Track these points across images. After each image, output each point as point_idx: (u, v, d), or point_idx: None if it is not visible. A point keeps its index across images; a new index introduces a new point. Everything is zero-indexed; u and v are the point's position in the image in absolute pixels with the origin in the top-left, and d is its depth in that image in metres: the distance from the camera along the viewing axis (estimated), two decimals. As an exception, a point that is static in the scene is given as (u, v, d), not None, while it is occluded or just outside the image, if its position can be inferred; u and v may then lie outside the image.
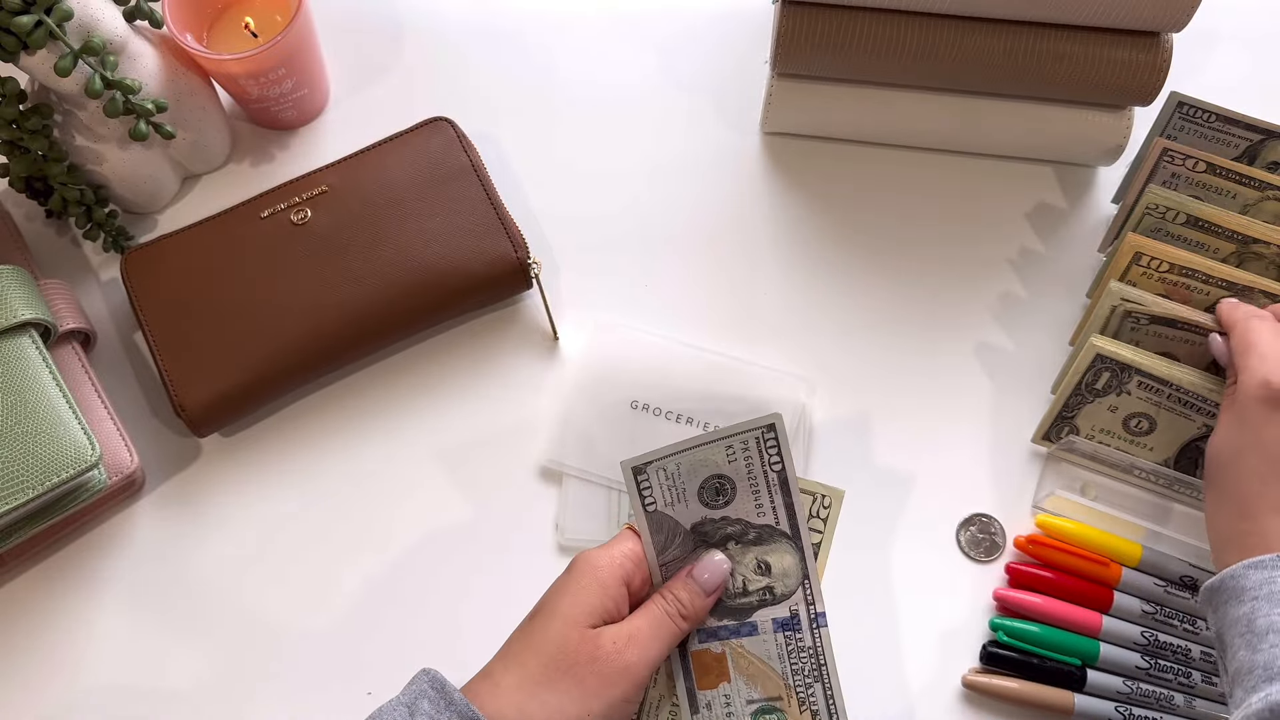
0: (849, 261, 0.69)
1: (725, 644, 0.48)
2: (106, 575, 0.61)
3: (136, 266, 0.64)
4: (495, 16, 0.77)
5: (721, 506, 0.47)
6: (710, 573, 0.47)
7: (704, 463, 0.46)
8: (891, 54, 0.64)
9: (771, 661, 0.47)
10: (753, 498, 0.46)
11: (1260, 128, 0.64)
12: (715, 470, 0.46)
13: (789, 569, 0.47)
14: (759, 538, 0.47)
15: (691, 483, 0.46)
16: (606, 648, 0.44)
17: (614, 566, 0.46)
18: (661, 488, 0.46)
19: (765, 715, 0.47)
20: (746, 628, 0.48)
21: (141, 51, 0.64)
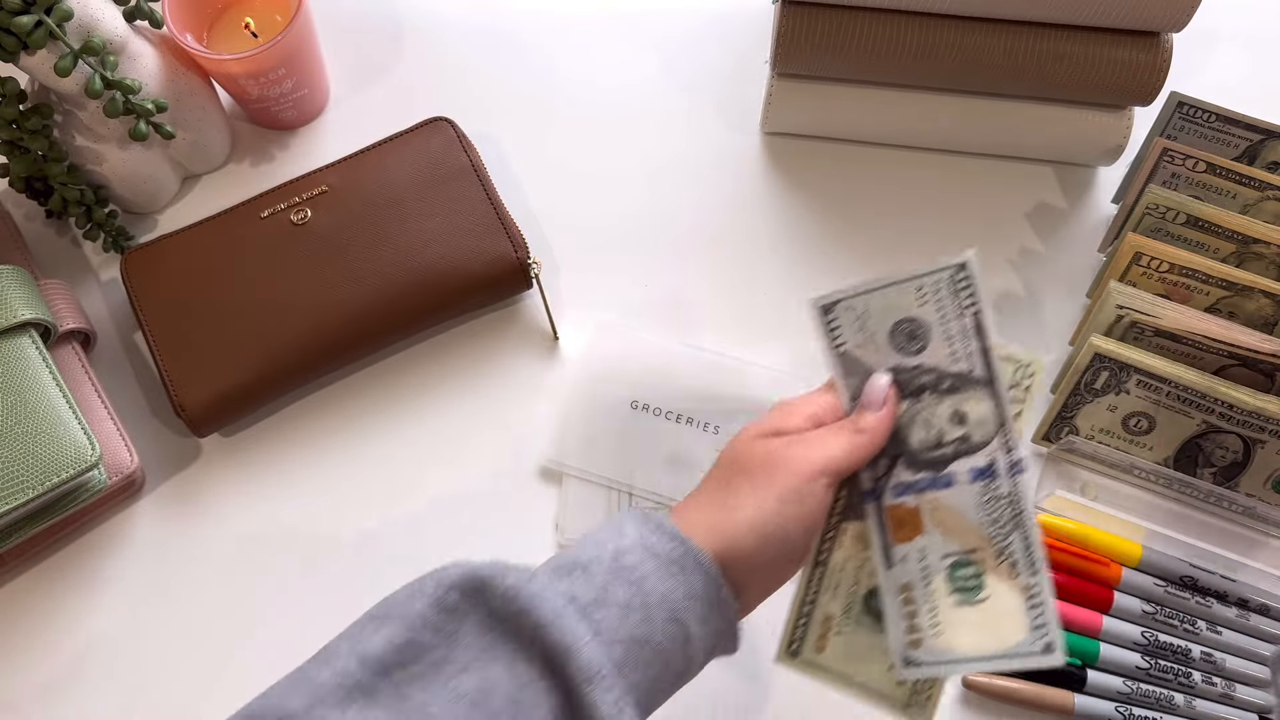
0: (849, 261, 0.69)
1: (920, 497, 0.46)
2: (106, 575, 0.61)
3: (136, 266, 0.64)
4: (495, 16, 0.77)
5: (915, 353, 0.45)
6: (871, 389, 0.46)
7: (894, 305, 0.45)
8: (891, 54, 0.64)
9: (968, 513, 0.46)
10: (946, 344, 0.45)
11: (1260, 128, 0.64)
12: (906, 313, 0.45)
13: (985, 416, 0.45)
14: (954, 386, 0.45)
15: (882, 325, 0.45)
16: (776, 445, 0.45)
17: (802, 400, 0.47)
18: (851, 328, 0.45)
19: (962, 568, 0.46)
20: (942, 480, 0.46)
21: (141, 51, 0.64)
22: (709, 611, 0.42)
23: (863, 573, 0.46)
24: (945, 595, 0.45)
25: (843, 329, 0.45)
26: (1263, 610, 0.59)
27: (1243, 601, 0.59)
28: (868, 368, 0.46)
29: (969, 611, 0.45)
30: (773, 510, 0.44)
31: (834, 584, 0.47)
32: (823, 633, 0.47)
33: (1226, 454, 0.59)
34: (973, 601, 0.45)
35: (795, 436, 0.46)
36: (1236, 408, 0.57)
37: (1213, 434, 0.59)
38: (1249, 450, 0.59)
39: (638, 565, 0.42)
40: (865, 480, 0.47)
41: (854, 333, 0.45)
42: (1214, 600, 0.59)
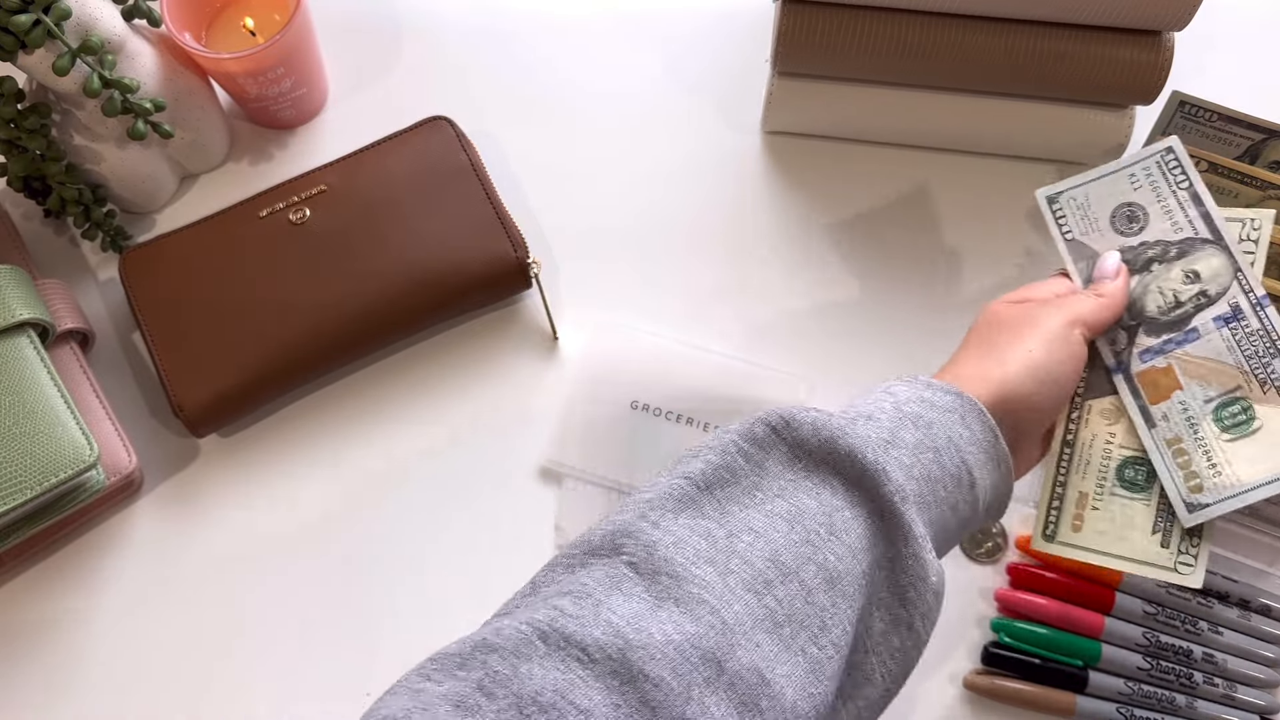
0: (849, 260, 0.69)
1: (1169, 357, 0.49)
2: (105, 575, 0.61)
3: (135, 266, 0.64)
4: (495, 16, 0.77)
5: (1137, 233, 0.49)
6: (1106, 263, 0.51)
7: (1110, 193, 0.50)
8: (893, 53, 0.64)
9: (1222, 357, 0.48)
10: (1167, 218, 0.49)
11: (1262, 127, 0.64)
12: (1123, 199, 0.49)
13: (1219, 269, 0.49)
14: (1181, 251, 0.49)
15: (1102, 211, 0.50)
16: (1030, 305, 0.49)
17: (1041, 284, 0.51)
18: (1075, 217, 0.50)
19: (1228, 407, 0.48)
20: (1189, 335, 0.49)
21: (140, 50, 0.64)
22: (989, 461, 0.44)
23: (1114, 446, 0.49)
24: (1217, 436, 0.48)
25: (1068, 218, 0.51)
26: (1264, 611, 0.59)
27: (1244, 602, 0.59)
28: (1095, 251, 0.50)
29: (1245, 444, 0.47)
30: (1043, 353, 0.47)
31: (1084, 462, 0.49)
32: (1078, 512, 0.49)
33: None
34: (1248, 433, 0.47)
35: (1043, 300, 0.50)
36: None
37: None
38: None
39: (921, 414, 0.43)
40: (1108, 356, 0.50)
41: (1079, 220, 0.50)
42: (1215, 601, 0.59)
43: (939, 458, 0.43)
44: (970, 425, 0.44)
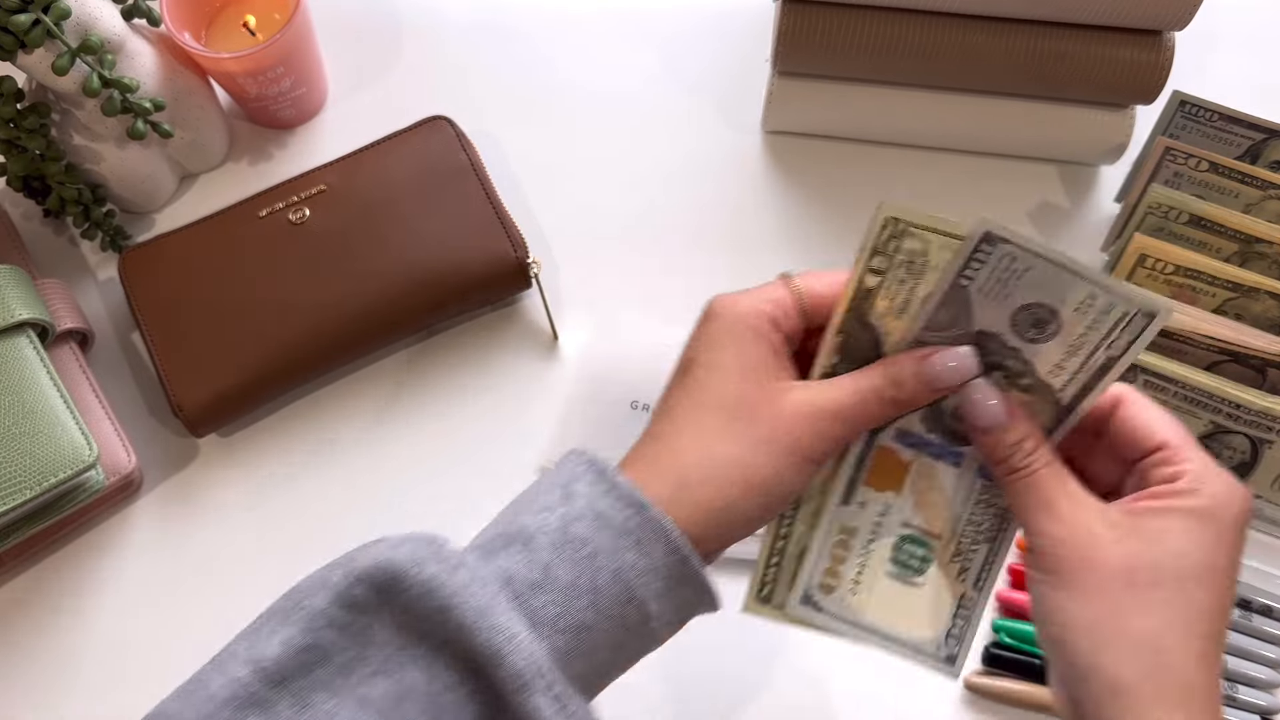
0: (849, 260, 0.68)
1: (918, 456, 0.42)
2: (104, 576, 0.61)
3: (134, 266, 0.64)
4: (495, 15, 0.77)
5: (1025, 340, 0.39)
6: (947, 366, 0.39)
7: (1051, 287, 0.38)
8: (893, 52, 0.64)
9: (954, 499, 0.42)
10: (1061, 355, 0.39)
11: (1263, 126, 0.64)
12: (1053, 302, 0.38)
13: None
14: (1030, 388, 0.40)
15: (1020, 295, 0.38)
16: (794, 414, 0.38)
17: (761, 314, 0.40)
18: (992, 275, 0.39)
19: (913, 544, 0.42)
20: (952, 455, 0.42)
21: (139, 50, 0.64)
22: (672, 585, 0.37)
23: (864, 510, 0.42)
24: (883, 560, 0.42)
25: (984, 268, 0.39)
26: (1265, 611, 0.59)
27: (1245, 602, 0.59)
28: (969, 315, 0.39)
29: (897, 588, 0.42)
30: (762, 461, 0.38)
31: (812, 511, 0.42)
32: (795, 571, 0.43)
33: (1234, 454, 0.59)
34: (906, 581, 0.42)
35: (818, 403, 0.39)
36: (1244, 408, 0.57)
37: (1220, 434, 0.59)
38: (1256, 450, 0.59)
39: (589, 539, 0.36)
40: None
41: (990, 280, 0.39)
42: (1217, 601, 0.59)
43: (597, 600, 0.36)
44: (650, 550, 0.37)
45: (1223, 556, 0.36)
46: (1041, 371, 0.40)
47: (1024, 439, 0.39)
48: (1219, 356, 0.59)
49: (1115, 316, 0.38)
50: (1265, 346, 0.58)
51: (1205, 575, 0.36)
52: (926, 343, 0.40)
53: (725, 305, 0.41)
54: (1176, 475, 0.37)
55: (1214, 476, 0.37)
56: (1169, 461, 0.38)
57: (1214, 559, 0.36)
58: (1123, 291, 0.38)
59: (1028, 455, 0.39)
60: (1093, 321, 0.38)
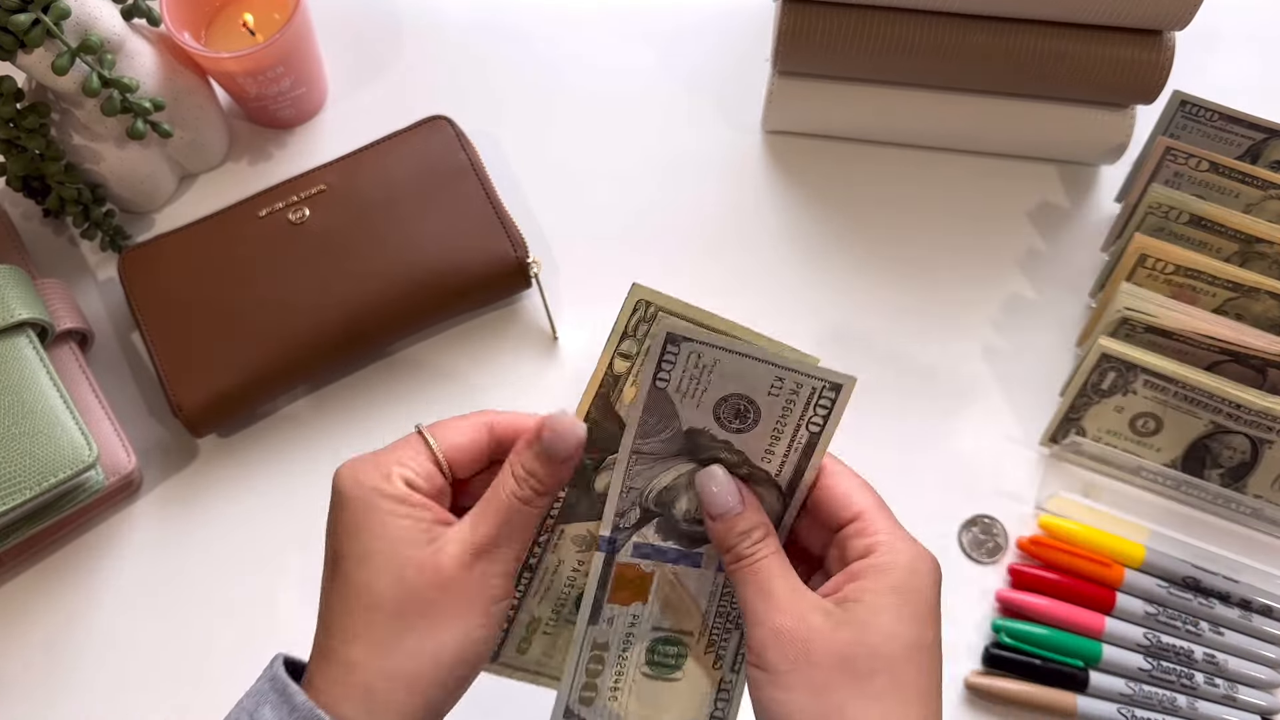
0: (850, 260, 0.69)
1: (659, 565, 0.42)
2: (104, 576, 0.61)
3: (134, 266, 0.64)
4: (495, 15, 0.77)
5: (732, 431, 0.40)
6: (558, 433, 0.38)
7: (743, 377, 0.39)
8: (893, 52, 0.64)
9: (700, 598, 0.42)
10: (769, 440, 0.40)
11: (1263, 126, 0.64)
12: (748, 392, 0.39)
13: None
14: (750, 477, 0.41)
15: (717, 389, 0.39)
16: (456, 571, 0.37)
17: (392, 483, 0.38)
18: (685, 374, 0.39)
19: (666, 644, 0.43)
20: (690, 558, 0.42)
21: (139, 50, 0.64)
22: None
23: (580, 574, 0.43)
24: (638, 664, 0.43)
25: (676, 368, 0.39)
26: (1266, 612, 0.59)
27: (1245, 603, 0.59)
28: (675, 415, 0.40)
29: (653, 687, 0.43)
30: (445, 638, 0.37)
31: (544, 587, 0.43)
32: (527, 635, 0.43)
33: (1234, 455, 0.59)
34: (664, 678, 0.43)
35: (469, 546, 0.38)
36: (1244, 408, 0.57)
37: (1221, 434, 0.59)
38: (1257, 450, 0.59)
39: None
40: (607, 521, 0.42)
41: (685, 379, 0.39)
42: (1217, 601, 0.59)
43: None
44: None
45: (929, 631, 0.39)
46: (755, 459, 0.40)
47: (753, 528, 0.39)
48: (1219, 356, 0.59)
49: (805, 395, 0.39)
50: (1265, 346, 0.58)
51: (915, 655, 0.38)
52: (640, 451, 0.40)
53: (352, 484, 0.39)
54: (870, 548, 0.38)
55: (903, 546, 0.39)
56: (862, 533, 0.39)
57: (921, 635, 0.38)
58: (805, 370, 0.39)
59: (754, 544, 0.39)
60: (786, 403, 0.39)
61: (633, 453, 0.41)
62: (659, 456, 0.41)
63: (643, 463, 0.41)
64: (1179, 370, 0.58)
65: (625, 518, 0.42)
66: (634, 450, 0.40)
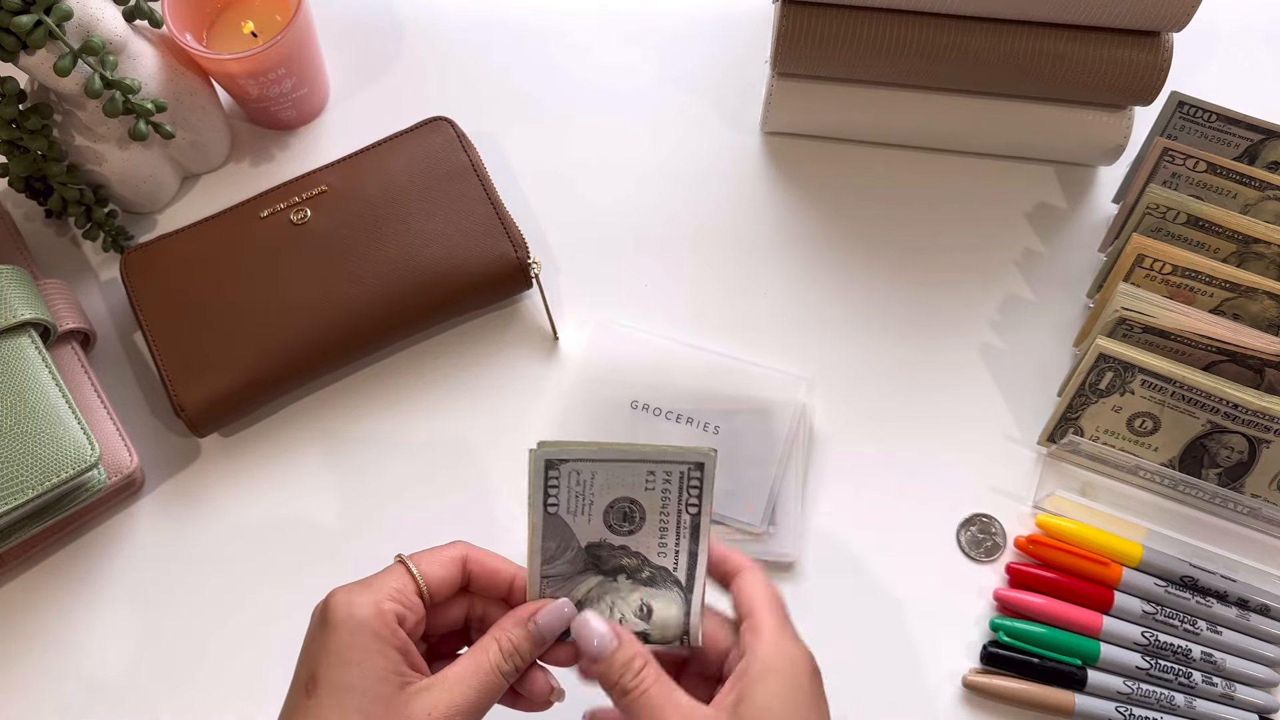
0: (849, 261, 0.69)
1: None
2: (106, 575, 0.61)
3: (136, 266, 0.64)
4: (495, 16, 0.77)
5: (625, 534, 0.43)
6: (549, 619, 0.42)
7: (620, 481, 0.41)
8: (891, 54, 0.64)
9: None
10: (658, 534, 0.42)
11: (1261, 127, 0.64)
12: (628, 493, 0.42)
13: (670, 621, 0.44)
14: (652, 579, 0.43)
15: (601, 499, 0.42)
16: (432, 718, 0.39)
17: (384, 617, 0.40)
18: (570, 492, 0.42)
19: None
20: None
21: (141, 51, 0.64)
22: None
23: None
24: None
25: (560, 490, 0.41)
26: (1263, 610, 0.59)
27: (1243, 601, 0.59)
28: (572, 535, 0.42)
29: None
30: None
31: None
32: None
33: (1232, 454, 0.59)
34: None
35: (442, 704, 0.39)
36: (1241, 407, 0.57)
37: (1218, 434, 0.59)
38: (1254, 450, 0.59)
39: None
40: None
41: (571, 498, 0.42)
42: (1214, 600, 0.59)
43: None
44: None
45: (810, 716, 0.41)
46: (652, 558, 0.42)
47: (631, 658, 0.41)
48: (1217, 356, 0.59)
49: (676, 480, 0.41)
50: (1263, 346, 0.58)
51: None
52: (549, 575, 0.43)
53: (344, 612, 0.40)
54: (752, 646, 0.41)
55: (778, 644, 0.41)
56: (751, 630, 0.42)
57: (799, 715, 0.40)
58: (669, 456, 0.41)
59: (636, 674, 0.41)
60: (663, 494, 0.41)
61: (543, 577, 0.43)
62: (567, 576, 0.43)
63: (553, 584, 0.43)
64: (1176, 370, 0.58)
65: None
66: (543, 575, 0.43)
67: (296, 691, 0.40)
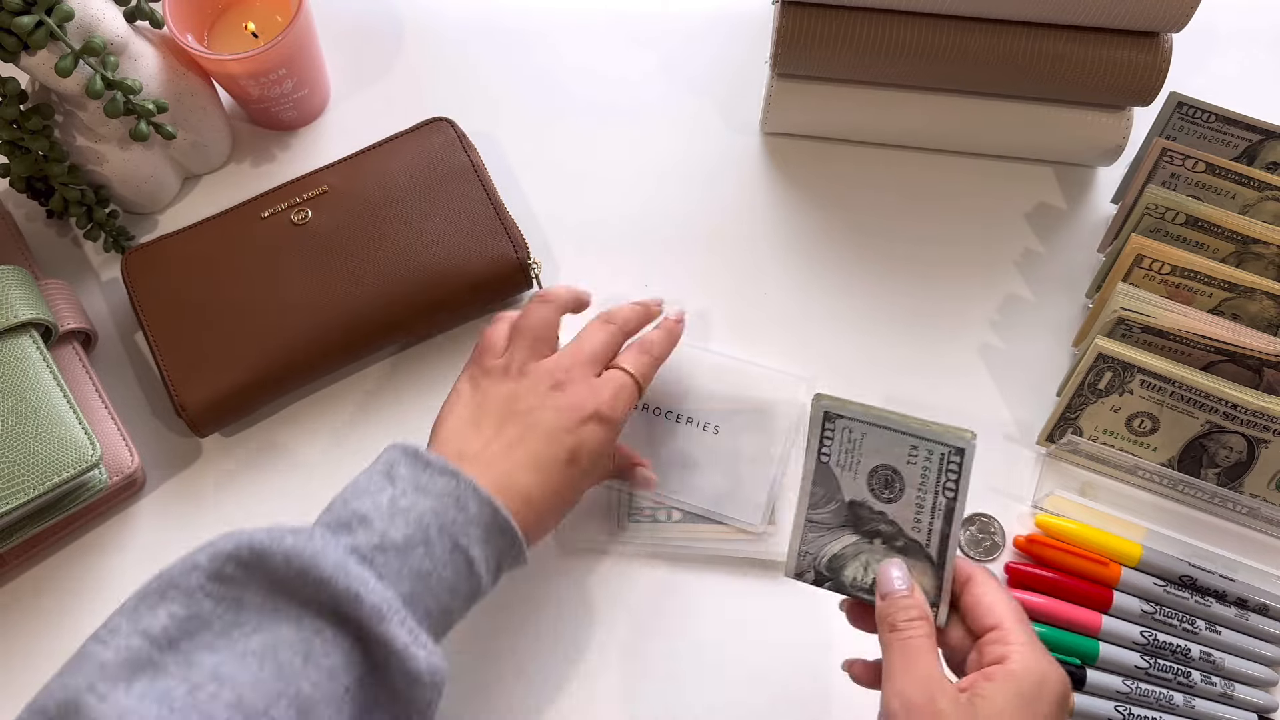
0: (849, 261, 0.69)
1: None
2: (107, 575, 0.61)
3: (137, 266, 0.64)
4: (495, 17, 0.77)
5: (884, 501, 0.45)
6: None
7: (887, 448, 0.44)
8: (891, 54, 0.64)
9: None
10: (915, 508, 0.45)
11: (1259, 128, 0.64)
12: (892, 462, 0.44)
13: (925, 590, 0.46)
14: (906, 548, 0.45)
15: (868, 460, 0.45)
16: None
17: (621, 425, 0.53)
18: (841, 447, 0.45)
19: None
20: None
21: (142, 52, 0.64)
22: (489, 534, 0.46)
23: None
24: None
25: (834, 442, 0.45)
26: (1262, 610, 0.59)
27: (1242, 601, 0.59)
28: (838, 488, 0.46)
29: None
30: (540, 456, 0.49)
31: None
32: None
33: (1230, 454, 0.59)
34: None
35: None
36: (1240, 407, 0.58)
37: (1217, 434, 0.59)
38: (1253, 450, 0.59)
39: (413, 505, 0.45)
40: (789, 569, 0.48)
41: (842, 453, 0.45)
42: (1213, 600, 0.59)
43: (430, 550, 0.44)
44: (466, 506, 0.45)
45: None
46: (907, 529, 0.45)
47: (914, 608, 0.45)
48: (1216, 356, 0.59)
49: (937, 460, 0.43)
50: (1262, 346, 0.58)
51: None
52: (812, 520, 0.47)
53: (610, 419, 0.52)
54: (1005, 655, 0.43)
55: (1035, 660, 0.43)
56: (1001, 641, 0.44)
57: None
58: (931, 434, 0.43)
59: (911, 621, 0.44)
60: (923, 470, 0.44)
61: (807, 520, 0.46)
62: (829, 526, 0.46)
63: (814, 530, 0.47)
64: (1175, 370, 0.58)
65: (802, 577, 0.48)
66: (808, 519, 0.46)
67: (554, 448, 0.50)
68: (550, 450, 0.49)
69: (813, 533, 0.47)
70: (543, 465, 0.49)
